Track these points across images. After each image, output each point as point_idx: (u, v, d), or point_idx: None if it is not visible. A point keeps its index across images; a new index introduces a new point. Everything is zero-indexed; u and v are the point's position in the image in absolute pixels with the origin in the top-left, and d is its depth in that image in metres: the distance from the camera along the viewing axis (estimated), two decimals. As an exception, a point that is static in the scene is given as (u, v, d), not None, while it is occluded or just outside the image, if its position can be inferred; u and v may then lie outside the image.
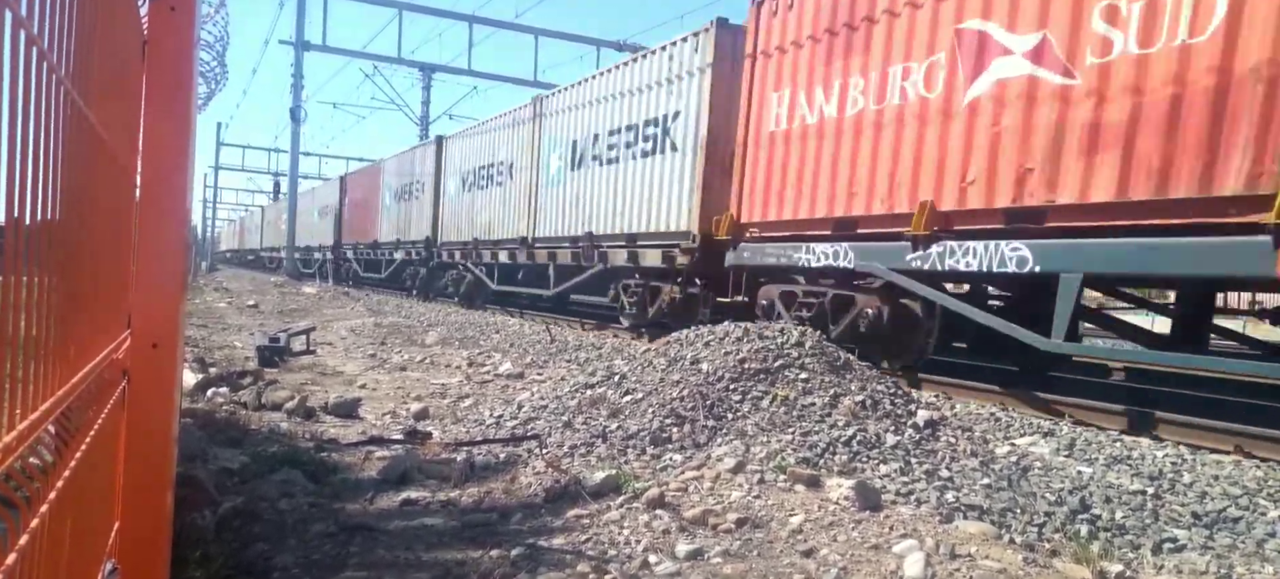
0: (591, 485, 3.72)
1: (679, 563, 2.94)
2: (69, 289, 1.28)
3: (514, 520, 3.41)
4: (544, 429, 4.81)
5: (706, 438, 4.45)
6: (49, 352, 1.15)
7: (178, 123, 1.87)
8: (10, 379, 0.95)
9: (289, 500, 3.52)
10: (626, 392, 5.09)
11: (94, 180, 1.44)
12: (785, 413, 4.57)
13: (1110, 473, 4.76)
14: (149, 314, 1.86)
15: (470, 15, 30.08)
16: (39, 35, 0.99)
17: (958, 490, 3.85)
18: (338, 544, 3.05)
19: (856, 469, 4.07)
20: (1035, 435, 5.77)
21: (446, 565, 2.88)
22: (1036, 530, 3.55)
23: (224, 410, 5.47)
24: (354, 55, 31.14)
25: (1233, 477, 4.73)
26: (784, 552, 3.08)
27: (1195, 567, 3.38)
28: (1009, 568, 2.98)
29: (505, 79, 33.83)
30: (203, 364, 7.31)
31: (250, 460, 4.06)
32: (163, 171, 1.86)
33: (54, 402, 1.16)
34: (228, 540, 3.03)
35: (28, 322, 1.03)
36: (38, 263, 1.07)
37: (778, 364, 5.04)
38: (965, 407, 6.83)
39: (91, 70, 1.36)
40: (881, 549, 3.11)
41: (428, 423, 5.48)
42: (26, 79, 0.93)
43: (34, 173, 1.00)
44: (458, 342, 10.99)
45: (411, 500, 3.65)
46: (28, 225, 0.98)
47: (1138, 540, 3.64)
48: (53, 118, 1.09)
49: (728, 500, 3.60)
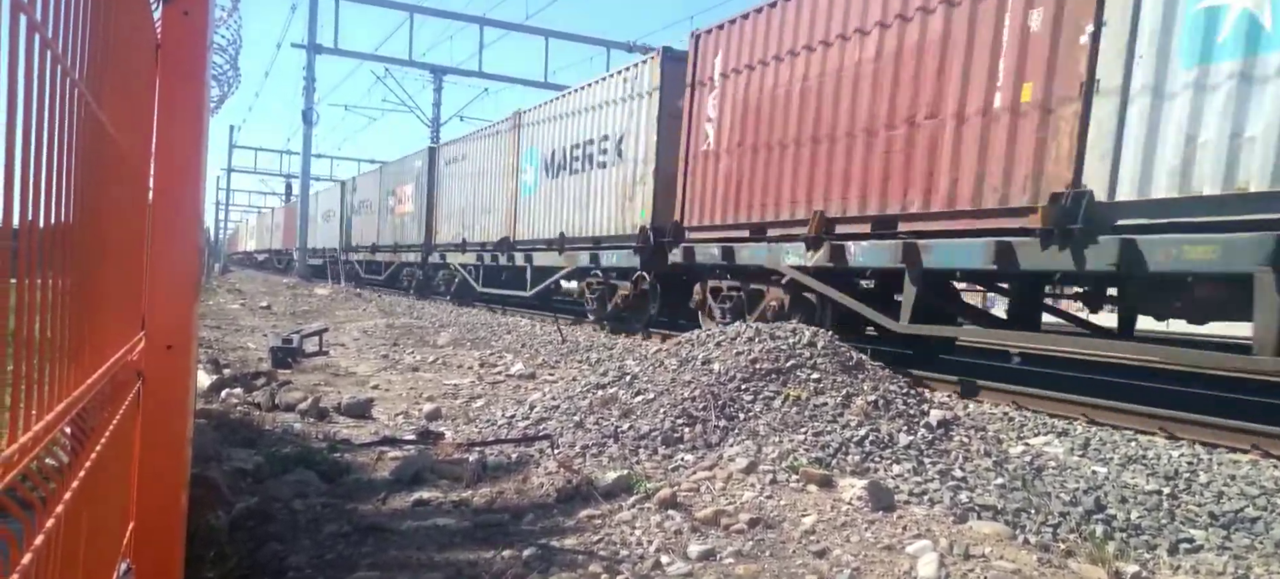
0: (603, 486, 3.72)
1: (691, 563, 2.93)
2: (83, 291, 1.28)
3: (526, 521, 3.41)
4: (556, 429, 4.82)
5: (718, 438, 4.44)
6: (64, 353, 1.16)
7: (191, 126, 1.88)
8: (26, 380, 0.96)
9: (302, 500, 3.54)
10: (638, 392, 5.09)
11: (108, 183, 1.45)
12: (797, 413, 4.56)
13: (1125, 472, 4.73)
14: (163, 316, 1.87)
15: (481, 17, 30.16)
16: (53, 39, 1.00)
17: (971, 490, 3.83)
18: (350, 544, 3.07)
19: (869, 469, 4.06)
20: (1049, 435, 5.73)
21: (459, 566, 2.89)
22: (1051, 531, 3.53)
23: (238, 411, 5.50)
24: (366, 58, 31.24)
25: (1250, 476, 4.69)
26: (797, 552, 3.07)
27: (1212, 567, 3.35)
28: (1023, 569, 2.96)
29: (516, 81, 33.78)
30: (217, 365, 7.35)
31: (264, 461, 4.08)
32: (176, 174, 1.88)
33: (69, 403, 1.17)
34: (241, 540, 3.05)
35: (43, 324, 1.04)
36: (53, 265, 1.07)
37: (789, 364, 5.03)
38: (978, 406, 6.80)
39: (105, 73, 1.37)
40: (895, 550, 3.10)
41: (440, 423, 5.49)
42: (41, 82, 0.94)
43: (48, 176, 1.00)
44: (469, 342, 11.02)
45: (424, 500, 3.66)
46: (43, 228, 0.99)
47: (1154, 541, 3.61)
48: (67, 121, 1.10)
49: (740, 501, 3.59)
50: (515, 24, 30.88)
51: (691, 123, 11.13)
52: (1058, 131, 6.48)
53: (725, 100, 10.48)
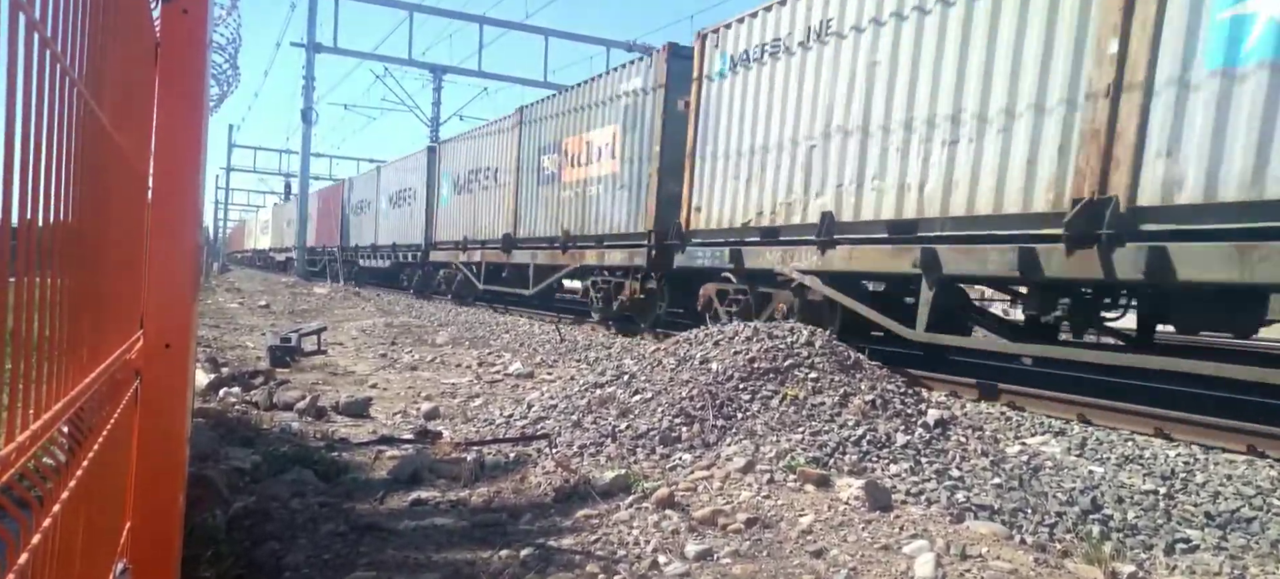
0: (601, 485, 3.72)
1: (688, 563, 2.94)
2: (82, 290, 1.29)
3: (523, 520, 3.42)
4: (553, 429, 4.82)
5: (716, 437, 4.44)
6: (62, 352, 1.16)
7: (190, 124, 1.88)
8: (24, 379, 0.96)
9: (300, 500, 3.54)
10: (636, 391, 5.09)
11: (107, 182, 1.45)
12: (795, 412, 4.56)
13: (1122, 473, 4.73)
14: (161, 315, 1.87)
15: (481, 16, 30.18)
16: (52, 38, 1.00)
17: (968, 490, 3.84)
18: (348, 544, 3.07)
19: (866, 469, 4.06)
20: (1046, 435, 5.74)
21: (456, 565, 2.89)
22: (1048, 531, 3.54)
23: (236, 410, 5.50)
24: (365, 57, 31.25)
25: (1246, 477, 4.70)
26: (794, 552, 3.08)
27: (1208, 567, 3.36)
28: (1020, 569, 2.97)
29: (515, 80, 33.76)
30: (215, 364, 7.35)
31: (262, 460, 4.08)
32: (175, 173, 1.88)
33: (67, 402, 1.17)
34: (239, 539, 3.05)
35: (41, 322, 1.04)
36: (51, 264, 1.07)
37: (787, 363, 5.03)
38: (975, 406, 6.81)
39: (104, 72, 1.37)
40: (892, 550, 3.10)
41: (438, 422, 5.49)
42: (40, 81, 0.94)
43: (47, 174, 1.00)
44: (468, 341, 11.02)
45: (421, 500, 3.66)
46: (41, 226, 0.99)
47: (1150, 541, 3.62)
48: (66, 120, 1.10)
49: (737, 500, 3.60)
50: (515, 23, 30.89)
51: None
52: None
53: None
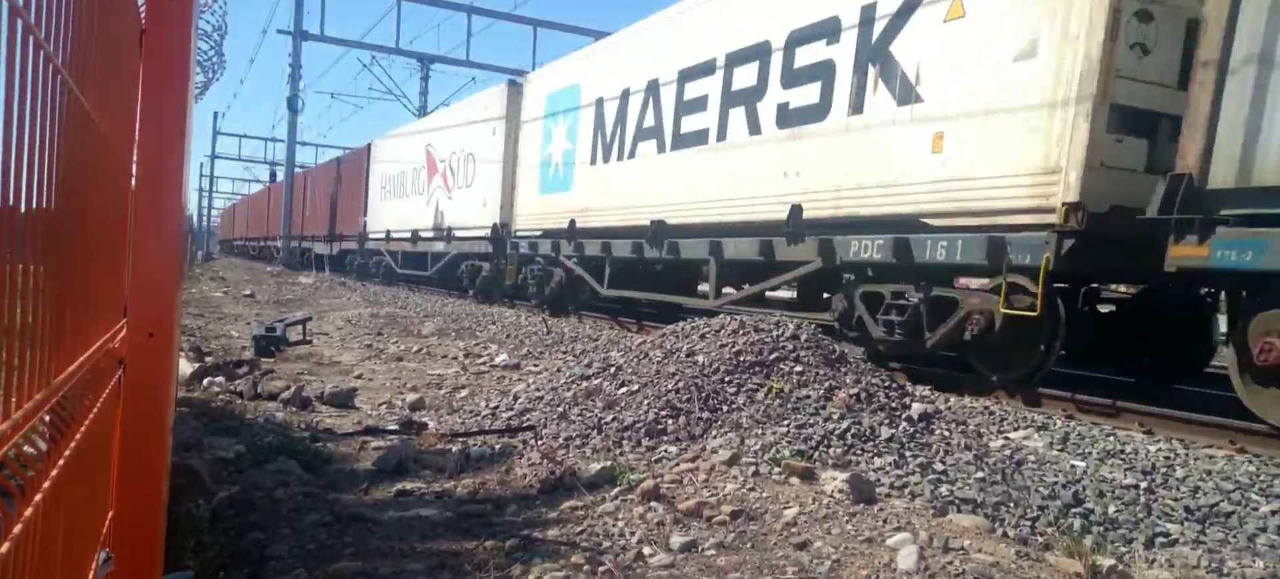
0: (586, 477, 3.73)
1: (673, 555, 2.95)
2: (65, 278, 1.28)
3: (509, 511, 3.42)
4: (539, 421, 4.82)
5: (702, 430, 4.45)
6: (45, 340, 1.15)
7: (174, 112, 1.87)
8: (5, 367, 0.95)
9: (284, 490, 3.53)
10: (622, 384, 5.09)
11: (90, 169, 1.44)
12: (780, 405, 4.58)
13: (1104, 467, 4.78)
14: (145, 303, 1.86)
15: (469, 5, 29.98)
16: (36, 24, 0.99)
17: (952, 484, 3.86)
18: (332, 534, 3.06)
19: (851, 462, 4.09)
20: (1029, 429, 5.78)
21: (441, 556, 2.89)
22: (1030, 524, 3.57)
23: (220, 400, 5.47)
24: (352, 45, 31.05)
25: (1225, 471, 4.75)
26: (778, 544, 3.09)
27: (1187, 561, 3.40)
28: (1002, 561, 3.00)
29: (503, 70, 33.43)
30: (199, 353, 7.30)
31: (246, 450, 4.06)
32: (159, 161, 1.86)
33: (49, 390, 1.16)
34: (223, 529, 3.04)
35: (24, 310, 1.03)
36: (33, 251, 1.07)
37: (773, 357, 5.05)
38: (959, 400, 6.84)
39: (88, 59, 1.36)
40: (875, 542, 3.12)
41: (423, 413, 5.48)
42: (23, 67, 0.93)
43: (30, 161, 1.00)
44: (454, 332, 10.99)
45: (406, 491, 3.66)
46: (23, 214, 0.99)
47: (1130, 534, 3.66)
48: (49, 106, 1.09)
49: (722, 492, 3.61)
50: (503, 13, 30.79)
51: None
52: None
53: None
